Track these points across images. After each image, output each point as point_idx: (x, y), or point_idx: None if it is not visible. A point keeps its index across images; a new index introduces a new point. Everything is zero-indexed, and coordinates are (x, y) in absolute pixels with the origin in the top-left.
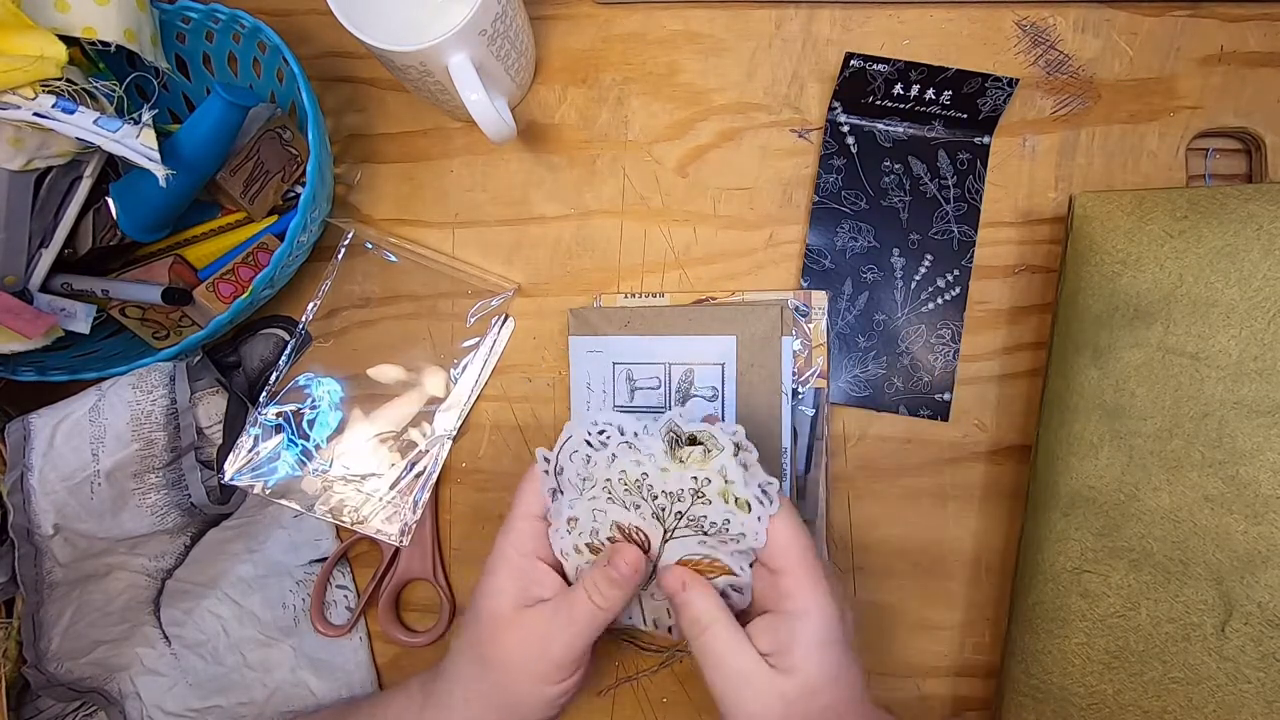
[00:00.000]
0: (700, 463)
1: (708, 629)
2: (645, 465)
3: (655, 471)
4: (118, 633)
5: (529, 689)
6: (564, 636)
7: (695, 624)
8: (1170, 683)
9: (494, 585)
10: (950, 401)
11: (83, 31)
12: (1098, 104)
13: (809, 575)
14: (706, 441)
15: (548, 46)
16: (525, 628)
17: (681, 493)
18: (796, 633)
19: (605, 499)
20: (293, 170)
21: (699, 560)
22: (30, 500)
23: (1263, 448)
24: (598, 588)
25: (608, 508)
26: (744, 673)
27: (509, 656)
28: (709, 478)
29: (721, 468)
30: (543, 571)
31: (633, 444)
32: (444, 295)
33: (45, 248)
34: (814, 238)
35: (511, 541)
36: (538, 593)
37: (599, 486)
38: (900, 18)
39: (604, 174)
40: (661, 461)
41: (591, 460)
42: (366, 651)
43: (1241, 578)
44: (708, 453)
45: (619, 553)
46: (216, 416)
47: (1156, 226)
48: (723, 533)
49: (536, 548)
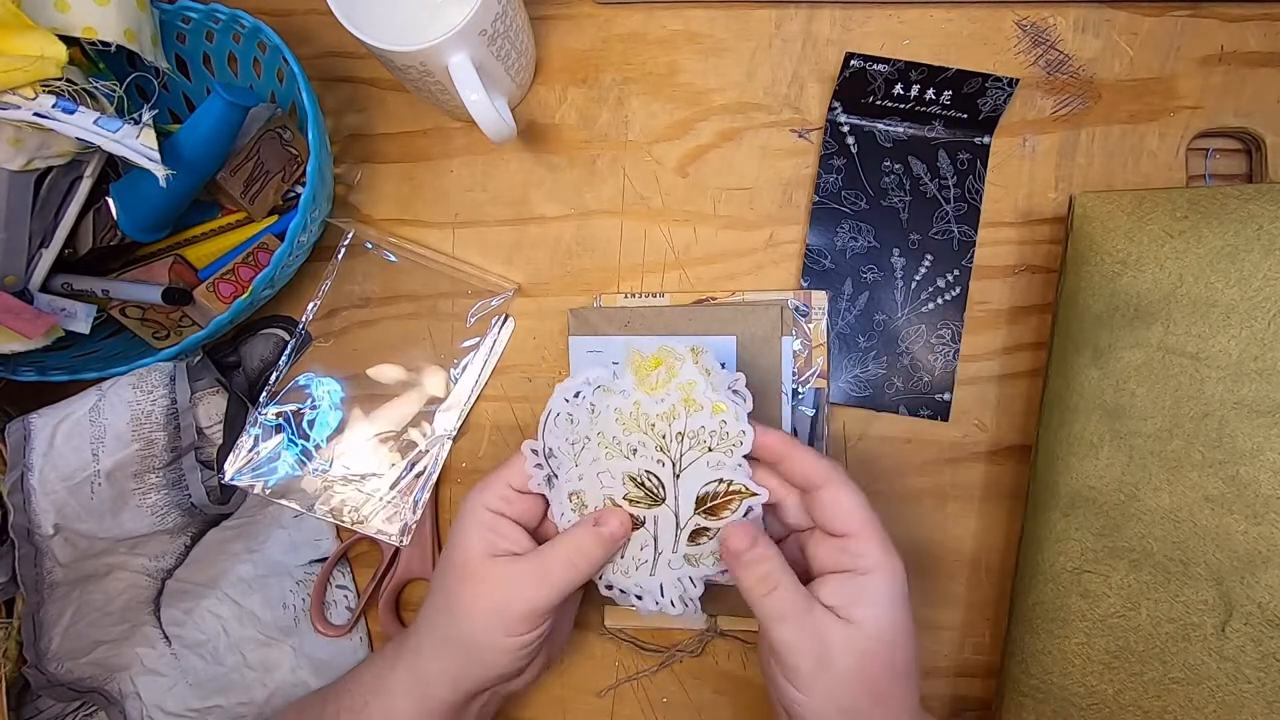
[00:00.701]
0: (667, 382)
1: (778, 585)
2: (624, 403)
3: (634, 405)
4: (118, 633)
5: (491, 639)
6: (532, 591)
7: (764, 581)
8: (1170, 683)
9: (461, 537)
10: (950, 401)
11: (83, 31)
12: (1098, 104)
13: (876, 534)
14: (666, 359)
15: (548, 46)
16: (492, 579)
17: (670, 412)
18: (867, 587)
19: (604, 454)
20: (293, 170)
21: (718, 488)
22: (30, 500)
23: (1263, 448)
24: (581, 548)
25: (609, 463)
26: (820, 626)
27: (476, 606)
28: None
29: (688, 379)
30: (510, 527)
31: (607, 387)
32: (444, 295)
33: (45, 248)
34: (814, 238)
35: (482, 498)
36: (506, 546)
37: (592, 442)
38: (900, 18)
39: (604, 174)
40: (635, 395)
41: (575, 420)
42: (366, 651)
43: (1241, 578)
44: (670, 369)
45: (609, 513)
46: (216, 416)
47: (1156, 226)
48: (724, 439)
49: (505, 508)
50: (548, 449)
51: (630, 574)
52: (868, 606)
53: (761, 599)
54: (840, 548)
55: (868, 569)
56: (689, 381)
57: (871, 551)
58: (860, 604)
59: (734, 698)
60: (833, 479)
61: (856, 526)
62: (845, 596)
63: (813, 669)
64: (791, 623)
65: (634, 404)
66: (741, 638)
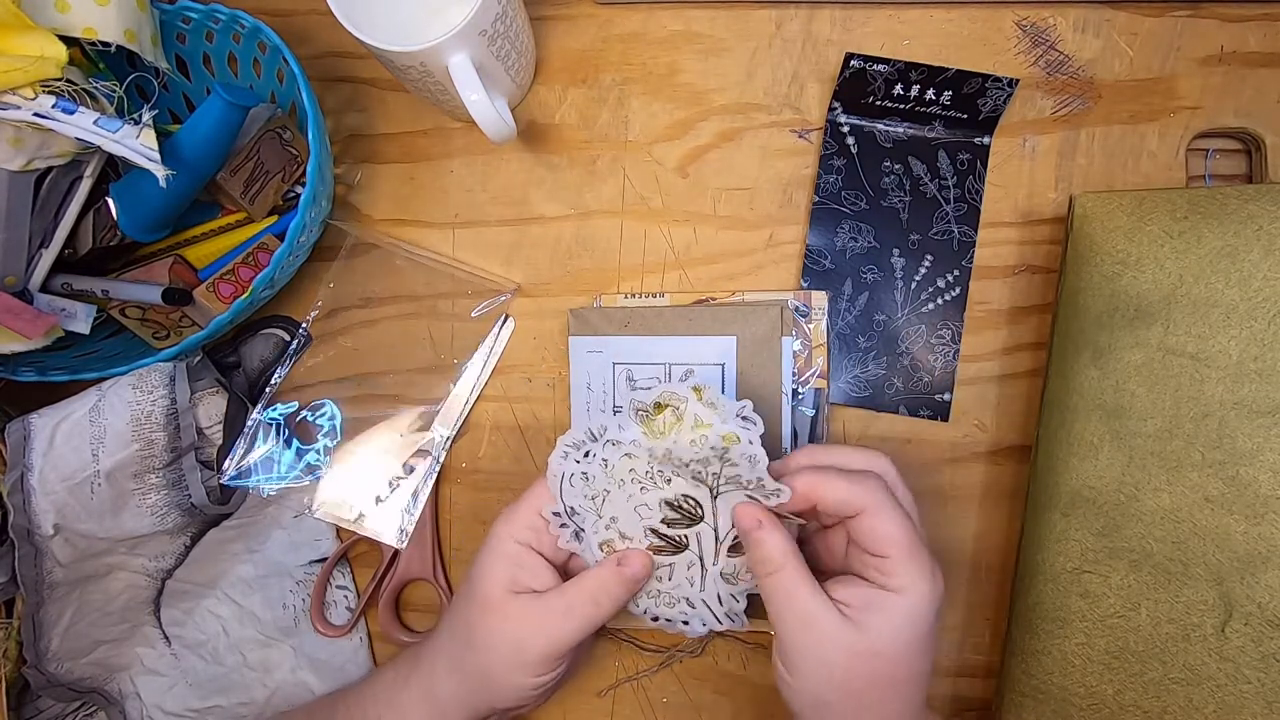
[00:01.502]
0: (676, 424)
1: (781, 568)
2: (636, 453)
3: (647, 453)
4: (118, 633)
5: (507, 677)
6: (552, 631)
7: (767, 562)
8: (1170, 683)
9: (487, 568)
10: (950, 402)
11: (83, 32)
12: (1098, 104)
13: (911, 559)
14: (670, 401)
15: (548, 46)
16: (513, 615)
17: (704, 459)
18: (886, 600)
19: (627, 500)
20: (293, 170)
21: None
22: (30, 500)
23: (1263, 448)
24: (605, 587)
25: (638, 503)
26: (813, 615)
27: (492, 641)
28: (696, 434)
29: (695, 417)
30: (536, 562)
31: (615, 440)
32: (444, 295)
33: (45, 248)
34: (814, 238)
35: (510, 530)
36: (528, 582)
37: (613, 494)
38: (900, 18)
39: (604, 174)
40: (646, 443)
41: (590, 476)
42: (366, 651)
43: (1241, 578)
44: (676, 410)
45: (631, 555)
46: (216, 417)
47: (1156, 227)
48: (750, 474)
49: (533, 539)
50: (569, 509)
51: (674, 605)
52: (877, 614)
53: (763, 579)
54: (869, 562)
55: (895, 588)
56: (694, 419)
57: (902, 574)
58: (871, 611)
59: (734, 698)
60: (869, 507)
61: (893, 551)
62: (860, 599)
63: (799, 653)
64: (786, 605)
65: (644, 454)
66: (742, 638)
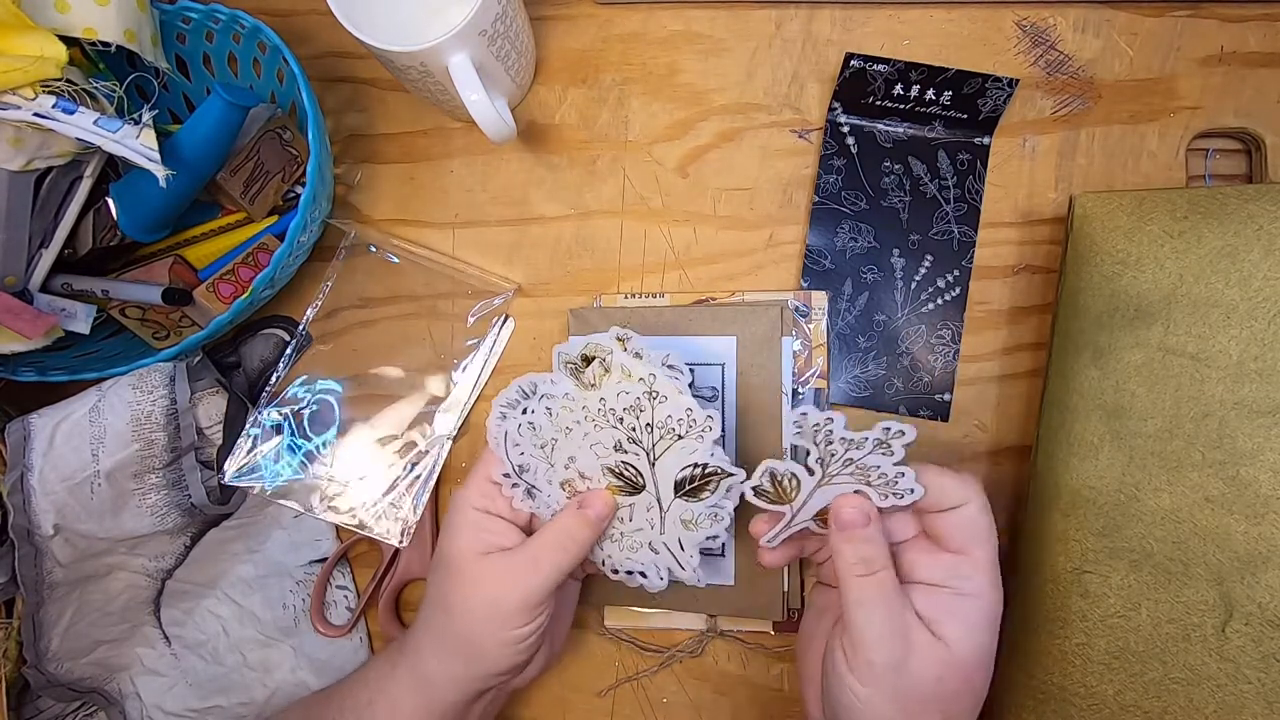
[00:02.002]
0: (605, 375)
1: (880, 570)
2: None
3: (599, 402)
4: (118, 633)
5: (491, 633)
6: (525, 581)
7: (866, 563)
8: (1171, 683)
9: (452, 537)
10: (950, 402)
11: (83, 32)
12: (1098, 104)
13: (990, 562)
14: (596, 353)
15: (548, 46)
16: (486, 574)
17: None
18: (963, 610)
19: (576, 448)
20: (293, 170)
21: (694, 472)
22: (30, 500)
23: (1263, 448)
24: (568, 530)
25: (584, 456)
26: (911, 626)
27: (470, 603)
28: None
29: (622, 366)
30: (498, 523)
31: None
32: (444, 295)
33: (45, 248)
34: (814, 238)
35: (466, 497)
36: (497, 542)
37: (561, 441)
38: (900, 18)
39: (604, 174)
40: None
41: (537, 426)
42: (366, 651)
43: (1242, 578)
44: (603, 363)
45: (592, 496)
46: (216, 417)
47: (1156, 227)
48: (691, 425)
49: (489, 505)
50: (517, 467)
51: (636, 550)
52: (959, 626)
53: (858, 579)
54: (946, 564)
55: (969, 592)
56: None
57: (979, 576)
58: (952, 621)
59: (734, 698)
60: (974, 498)
61: (974, 549)
62: (938, 610)
63: (887, 666)
64: (882, 614)
65: (596, 400)
66: (741, 638)
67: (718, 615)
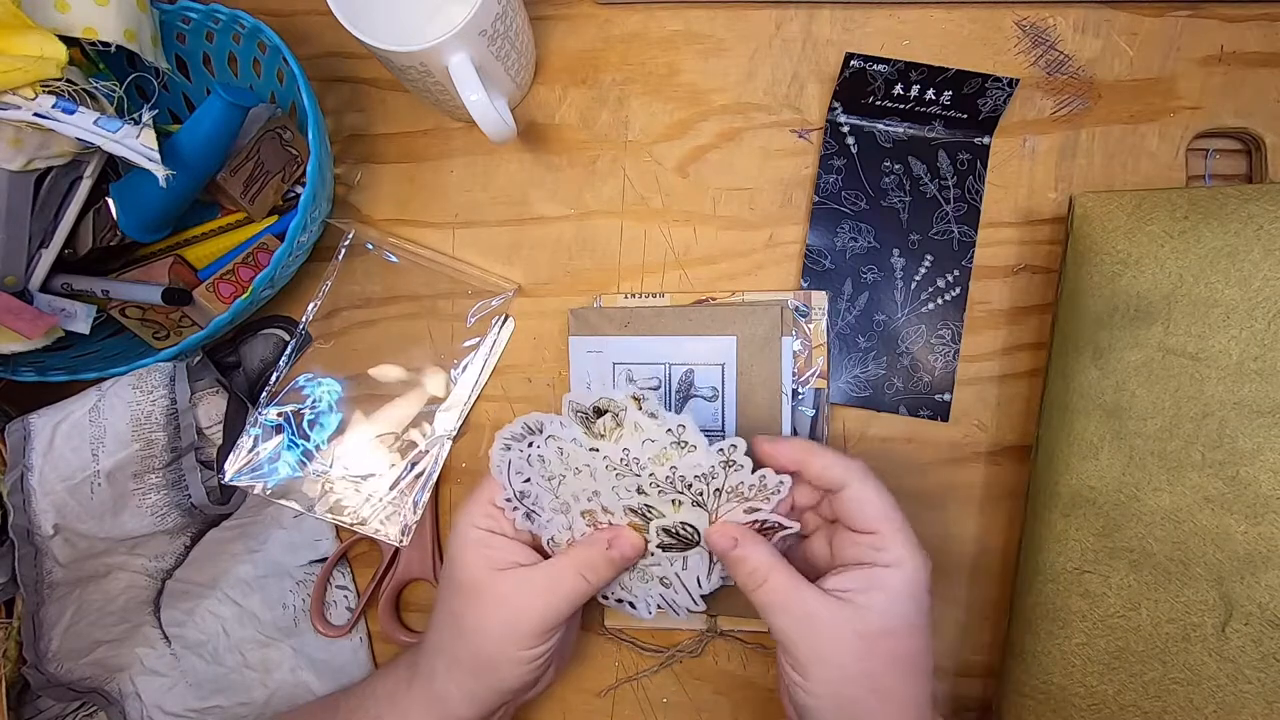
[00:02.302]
0: (617, 429)
1: (767, 577)
2: (577, 452)
3: (586, 454)
4: (118, 633)
5: (503, 653)
6: (541, 604)
7: (753, 575)
8: (1170, 683)
9: (460, 557)
10: (950, 402)
11: (83, 32)
12: (1098, 104)
13: (900, 531)
14: (609, 407)
15: (548, 46)
16: (499, 593)
17: (662, 456)
18: (882, 578)
19: (612, 475)
20: (293, 170)
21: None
22: (30, 500)
23: (1263, 448)
24: (593, 567)
25: (619, 481)
26: (813, 610)
27: (484, 623)
28: (631, 444)
29: (635, 424)
30: (505, 541)
31: (555, 435)
32: (444, 295)
33: (45, 248)
34: (814, 238)
35: (469, 519)
36: (508, 557)
37: (571, 474)
38: (900, 18)
39: (604, 174)
40: (587, 443)
41: (546, 460)
42: (366, 651)
43: (1242, 578)
44: (616, 417)
45: (620, 536)
46: (216, 417)
47: (1156, 227)
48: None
49: (493, 525)
50: (518, 493)
51: (648, 582)
52: (875, 593)
53: (753, 593)
54: (863, 543)
55: (886, 562)
56: (635, 426)
57: (893, 548)
58: (872, 590)
59: (734, 698)
60: (854, 479)
61: (881, 524)
62: (855, 582)
63: (812, 657)
64: (783, 610)
65: (584, 458)
66: (741, 638)
67: (718, 615)
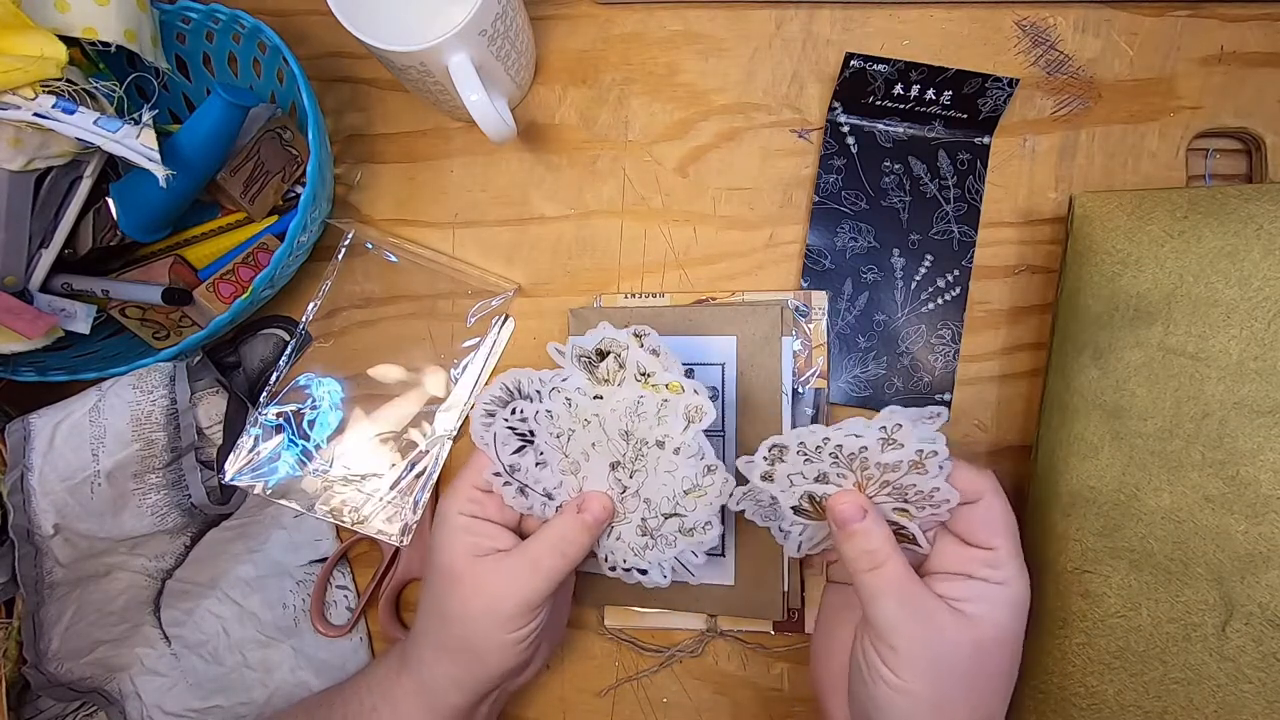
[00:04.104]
0: (619, 371)
1: (887, 561)
2: (584, 402)
3: (592, 403)
4: (118, 633)
5: (490, 636)
6: (522, 584)
7: (873, 555)
8: (1171, 683)
9: (443, 543)
10: (950, 402)
11: (83, 31)
12: (1098, 104)
13: (1013, 552)
14: (612, 348)
15: (548, 46)
16: (481, 576)
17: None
18: (989, 593)
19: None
20: (293, 170)
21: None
22: (30, 500)
23: (1263, 448)
24: (567, 535)
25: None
26: (932, 608)
27: (468, 608)
28: (640, 392)
29: (636, 363)
30: (489, 527)
31: (559, 388)
32: (444, 295)
33: (45, 248)
34: (814, 238)
35: (454, 505)
36: (490, 544)
37: (580, 427)
38: (900, 18)
39: (604, 174)
40: (591, 390)
41: (554, 415)
42: (366, 651)
43: (1242, 578)
44: (618, 358)
45: (590, 499)
46: (216, 417)
47: (1156, 226)
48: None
49: (478, 510)
50: (508, 466)
51: (644, 551)
52: (988, 606)
53: (864, 574)
54: (974, 557)
55: (998, 579)
56: (638, 366)
57: (1008, 565)
58: (981, 602)
59: (734, 698)
60: (989, 492)
61: (1001, 541)
62: (968, 593)
63: (914, 651)
64: (895, 600)
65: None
66: (741, 638)
67: (718, 615)
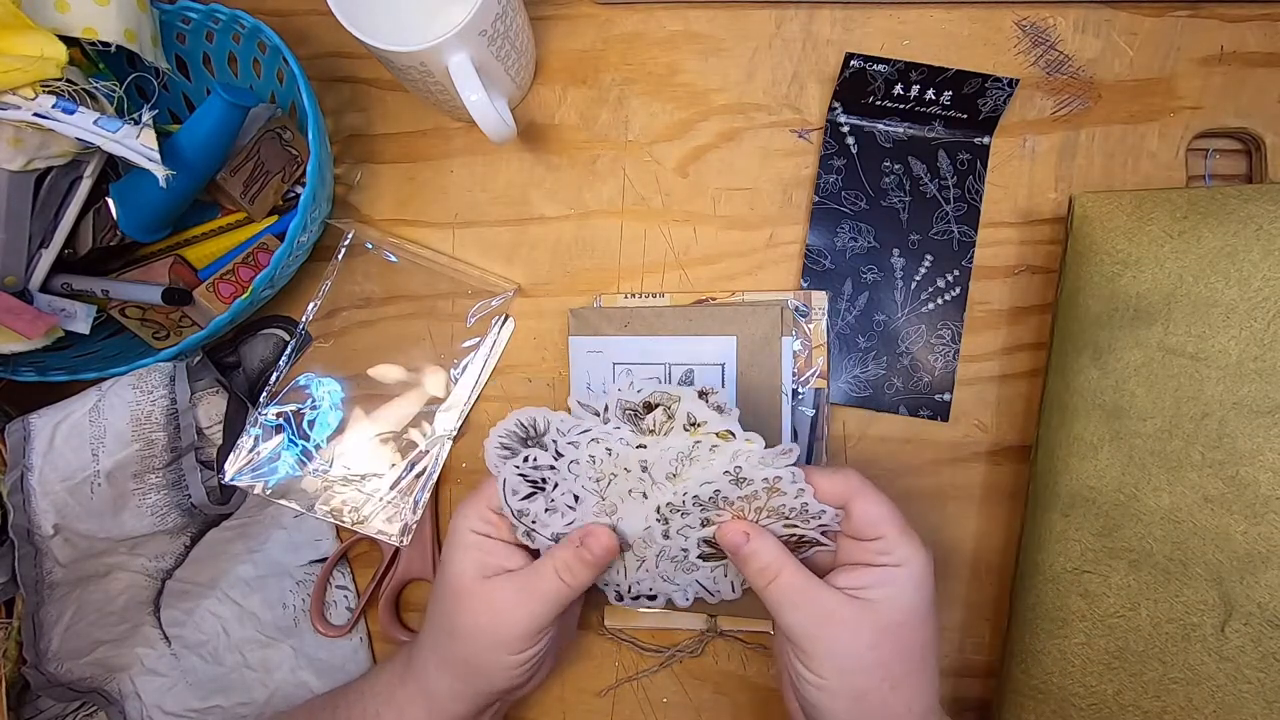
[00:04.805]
0: (667, 423)
1: (779, 573)
2: (622, 451)
3: (635, 452)
4: (118, 633)
5: (492, 656)
6: (527, 608)
7: (764, 572)
8: (1170, 683)
9: (453, 559)
10: (950, 402)
11: (83, 31)
12: (1098, 104)
13: (903, 533)
14: (662, 401)
15: (548, 46)
16: (487, 598)
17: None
18: (892, 576)
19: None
20: (293, 170)
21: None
22: (30, 500)
23: (1263, 448)
24: (569, 568)
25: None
26: (830, 606)
27: (472, 626)
28: (691, 440)
29: (687, 414)
30: (498, 546)
31: (599, 439)
32: (444, 295)
33: (45, 248)
34: (814, 238)
35: (466, 523)
36: (499, 563)
37: (622, 474)
38: (900, 18)
39: (604, 174)
40: (635, 440)
41: (596, 460)
42: (366, 651)
43: (1241, 578)
44: (667, 410)
45: (592, 535)
46: (216, 417)
47: (1156, 227)
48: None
49: (490, 530)
50: (516, 511)
51: (647, 583)
52: (889, 589)
53: (765, 589)
54: (867, 547)
55: (896, 563)
56: (688, 416)
57: (899, 549)
58: (882, 586)
59: (734, 698)
60: (856, 493)
61: (885, 529)
62: (866, 580)
63: (820, 649)
64: (797, 607)
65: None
66: (741, 638)
67: (718, 615)
